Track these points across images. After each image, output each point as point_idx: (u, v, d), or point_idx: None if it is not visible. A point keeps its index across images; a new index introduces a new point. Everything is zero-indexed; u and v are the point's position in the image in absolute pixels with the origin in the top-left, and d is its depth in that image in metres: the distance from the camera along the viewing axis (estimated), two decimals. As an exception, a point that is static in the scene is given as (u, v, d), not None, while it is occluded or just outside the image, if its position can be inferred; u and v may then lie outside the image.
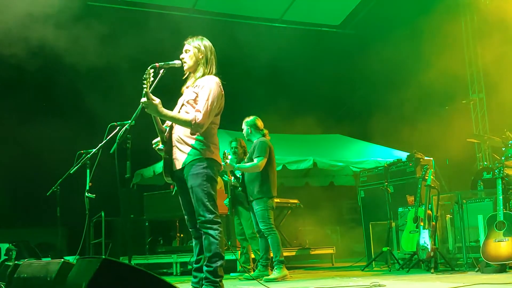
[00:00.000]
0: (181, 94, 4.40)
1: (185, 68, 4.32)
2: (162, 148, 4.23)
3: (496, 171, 6.06)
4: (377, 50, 12.02)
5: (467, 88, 11.93)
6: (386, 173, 8.38)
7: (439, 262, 6.37)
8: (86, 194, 5.31)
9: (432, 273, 6.04)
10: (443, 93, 10.52)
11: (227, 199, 7.28)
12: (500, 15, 10.32)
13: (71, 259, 5.55)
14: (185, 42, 4.35)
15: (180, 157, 4.17)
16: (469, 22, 11.98)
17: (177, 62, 4.24)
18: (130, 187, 3.99)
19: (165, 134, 4.25)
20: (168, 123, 4.32)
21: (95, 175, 5.34)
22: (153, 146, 4.32)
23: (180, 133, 4.19)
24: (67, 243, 10.13)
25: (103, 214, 9.64)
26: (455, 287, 4.37)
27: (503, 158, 6.91)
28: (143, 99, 3.90)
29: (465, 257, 6.46)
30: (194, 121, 4.04)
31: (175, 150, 4.21)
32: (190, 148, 4.14)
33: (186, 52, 4.31)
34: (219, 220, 4.14)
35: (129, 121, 4.08)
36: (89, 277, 2.84)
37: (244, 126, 6.78)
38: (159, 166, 10.84)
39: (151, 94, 3.94)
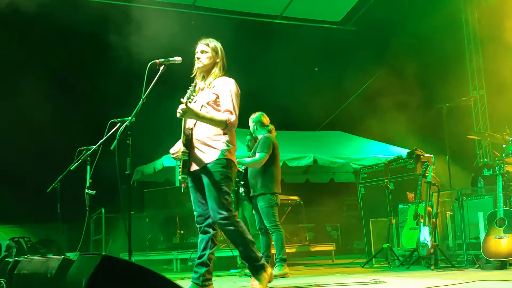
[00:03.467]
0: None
1: (198, 66, 4.35)
2: (186, 151, 4.23)
3: (496, 168, 6.06)
4: (377, 47, 12.02)
5: (467, 85, 11.93)
6: (387, 170, 8.38)
7: (439, 259, 6.37)
8: (87, 190, 5.32)
9: (432, 270, 6.05)
10: (444, 90, 10.52)
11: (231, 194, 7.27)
12: (501, 11, 10.30)
13: (71, 255, 5.56)
14: (201, 43, 4.39)
15: (201, 157, 4.22)
16: (470, 18, 11.96)
17: (177, 58, 4.24)
18: (131, 184, 3.97)
19: (189, 136, 4.29)
20: (191, 125, 4.30)
21: (95, 171, 5.35)
22: (172, 156, 4.39)
23: (201, 134, 4.24)
24: (68, 239, 10.15)
25: (103, 210, 9.65)
26: (455, 284, 4.37)
27: (503, 155, 6.90)
28: (183, 106, 3.97)
29: (465, 254, 6.46)
30: (228, 121, 4.15)
31: (195, 151, 4.25)
32: (211, 148, 4.21)
33: (202, 53, 4.35)
34: (235, 214, 4.27)
35: (130, 117, 4.08)
36: (89, 273, 2.84)
37: (250, 123, 6.77)
38: (159, 163, 10.86)
39: (189, 101, 4.01)
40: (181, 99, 4.00)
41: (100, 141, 4.80)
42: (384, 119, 11.26)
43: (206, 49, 4.35)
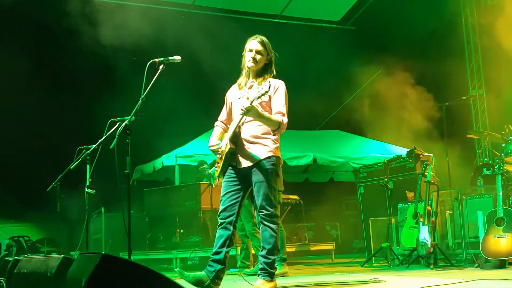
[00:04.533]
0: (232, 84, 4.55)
1: (251, 65, 4.40)
2: (232, 146, 4.31)
3: (496, 167, 6.06)
4: (376, 46, 12.01)
5: (467, 84, 11.93)
6: (386, 169, 8.39)
7: (438, 258, 6.38)
8: (86, 189, 5.32)
9: (431, 269, 6.05)
10: (443, 89, 10.53)
11: None
12: (500, 11, 10.30)
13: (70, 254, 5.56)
14: (256, 41, 4.45)
15: (251, 155, 4.31)
16: (470, 17, 11.97)
17: (176, 57, 4.22)
18: (130, 183, 3.97)
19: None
20: (237, 122, 4.35)
21: (95, 170, 5.35)
22: (211, 147, 4.43)
23: (250, 132, 4.34)
24: (67, 238, 10.15)
25: (103, 209, 9.65)
26: (454, 283, 4.37)
27: (502, 154, 6.90)
28: (248, 105, 4.07)
29: (464, 253, 6.47)
30: (282, 122, 4.27)
31: (245, 148, 4.34)
32: (262, 146, 4.31)
33: (258, 53, 4.40)
34: (278, 214, 4.42)
35: (129, 116, 4.07)
36: (88, 272, 2.84)
37: None
38: (159, 162, 10.85)
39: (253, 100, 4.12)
40: (247, 97, 4.18)
41: (100, 140, 4.80)
42: (383, 118, 11.26)
43: (262, 50, 4.42)
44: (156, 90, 4.02)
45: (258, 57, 4.39)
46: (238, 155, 4.34)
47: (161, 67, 4.06)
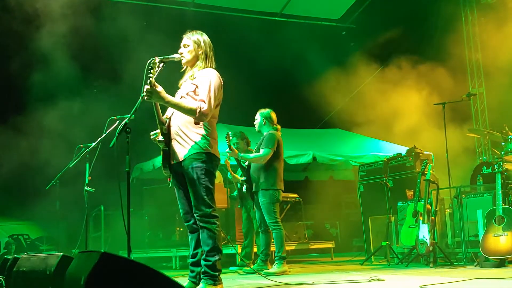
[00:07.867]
0: (178, 88, 4.39)
1: (183, 62, 4.32)
2: (161, 139, 4.19)
3: (495, 165, 6.06)
4: (376, 44, 12.00)
5: (467, 82, 11.93)
6: (386, 168, 8.39)
7: (438, 256, 6.38)
8: (86, 188, 5.32)
9: (431, 267, 6.06)
10: (443, 88, 10.53)
11: (235, 192, 7.28)
12: (500, 10, 10.30)
13: (70, 253, 5.56)
14: (184, 36, 4.35)
15: (179, 150, 4.15)
16: (470, 16, 11.97)
17: (176, 56, 4.22)
18: (130, 181, 3.96)
19: (165, 125, 4.22)
20: (168, 114, 4.30)
21: (94, 169, 5.34)
22: (151, 137, 4.29)
23: (180, 125, 4.16)
24: (67, 237, 10.15)
25: (102, 208, 9.65)
26: (454, 282, 4.37)
27: (502, 152, 6.91)
28: (147, 87, 3.88)
29: (464, 252, 6.47)
30: (199, 110, 4.03)
31: (174, 143, 4.18)
32: (190, 141, 4.12)
33: (184, 47, 4.31)
34: (217, 214, 4.16)
35: (129, 115, 4.07)
36: (88, 270, 2.84)
37: (258, 117, 6.73)
38: (158, 160, 10.79)
39: (155, 82, 3.91)
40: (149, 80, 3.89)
41: (99, 139, 4.81)
42: (383, 116, 11.26)
43: (187, 43, 4.31)
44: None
45: (184, 51, 4.29)
46: (171, 151, 4.19)
47: (161, 65, 4.05)
